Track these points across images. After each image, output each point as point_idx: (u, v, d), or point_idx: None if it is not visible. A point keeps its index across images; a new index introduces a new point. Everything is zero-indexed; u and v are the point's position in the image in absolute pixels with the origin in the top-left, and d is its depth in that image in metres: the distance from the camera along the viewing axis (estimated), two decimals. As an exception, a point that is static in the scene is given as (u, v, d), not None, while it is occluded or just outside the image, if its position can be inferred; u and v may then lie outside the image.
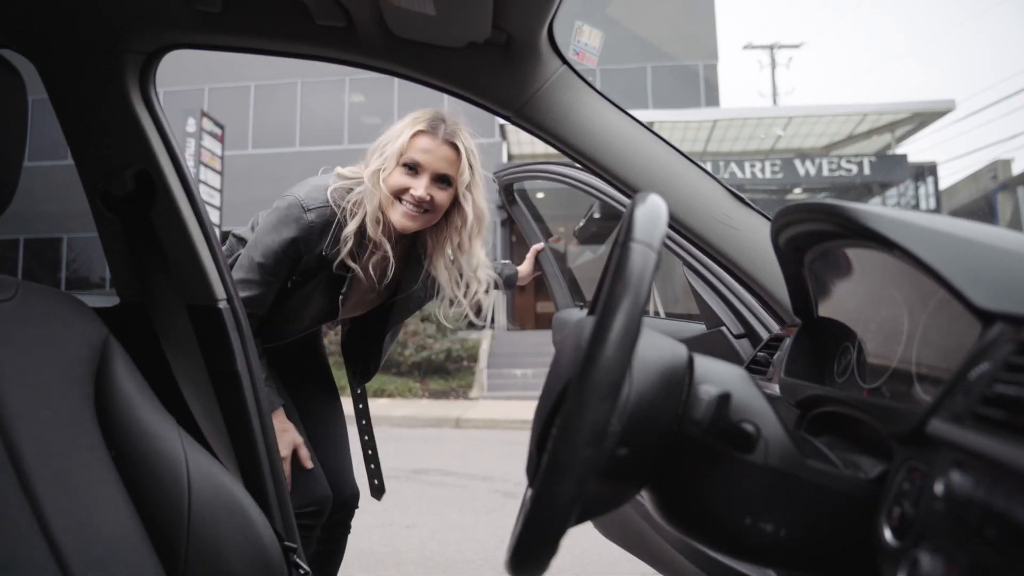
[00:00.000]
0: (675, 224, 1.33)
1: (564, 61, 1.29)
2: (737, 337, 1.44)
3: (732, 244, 1.33)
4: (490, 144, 14.89)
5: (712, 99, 17.05)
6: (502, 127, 14.35)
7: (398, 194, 1.68)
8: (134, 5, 1.23)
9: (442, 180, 1.70)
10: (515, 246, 16.34)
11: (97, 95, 1.31)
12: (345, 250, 1.70)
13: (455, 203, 1.76)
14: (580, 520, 0.74)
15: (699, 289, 1.51)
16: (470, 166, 1.71)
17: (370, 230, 1.70)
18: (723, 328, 1.46)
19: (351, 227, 1.69)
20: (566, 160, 1.52)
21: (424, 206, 1.69)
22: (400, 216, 1.69)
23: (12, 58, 1.07)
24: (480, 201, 1.76)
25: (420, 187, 1.67)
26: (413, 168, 1.67)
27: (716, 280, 1.46)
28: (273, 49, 1.33)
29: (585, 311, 2.35)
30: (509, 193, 2.55)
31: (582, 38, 1.24)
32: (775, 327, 1.37)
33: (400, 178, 1.68)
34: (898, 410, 0.72)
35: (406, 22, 1.19)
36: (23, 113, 1.02)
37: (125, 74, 1.30)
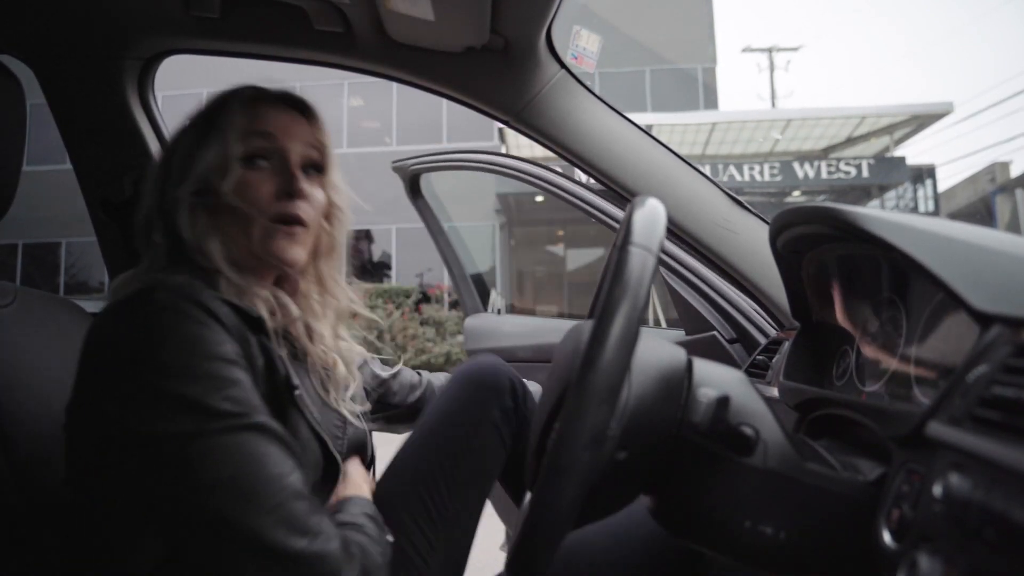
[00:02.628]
0: (674, 228, 1.33)
1: (562, 65, 1.29)
2: (730, 342, 1.44)
3: (731, 248, 1.33)
4: (488, 148, 14.86)
5: (711, 102, 17.07)
6: (500, 131, 14.36)
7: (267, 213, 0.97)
8: (132, 11, 1.23)
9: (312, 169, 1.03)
10: (514, 250, 16.36)
11: (96, 100, 1.31)
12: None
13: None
14: (579, 524, 0.74)
15: (685, 295, 1.50)
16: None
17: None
18: (715, 333, 1.46)
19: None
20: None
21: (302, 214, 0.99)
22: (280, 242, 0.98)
23: (11, 64, 1.07)
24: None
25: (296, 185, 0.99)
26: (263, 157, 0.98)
27: (705, 285, 1.45)
28: (272, 54, 1.33)
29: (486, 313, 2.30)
30: (415, 185, 2.21)
31: (580, 42, 1.24)
32: (771, 331, 1.37)
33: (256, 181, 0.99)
34: (897, 412, 0.72)
35: (405, 27, 1.19)
36: (22, 118, 1.02)
37: (124, 79, 1.30)
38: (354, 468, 1.04)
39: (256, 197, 0.95)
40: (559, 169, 1.71)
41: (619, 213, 1.51)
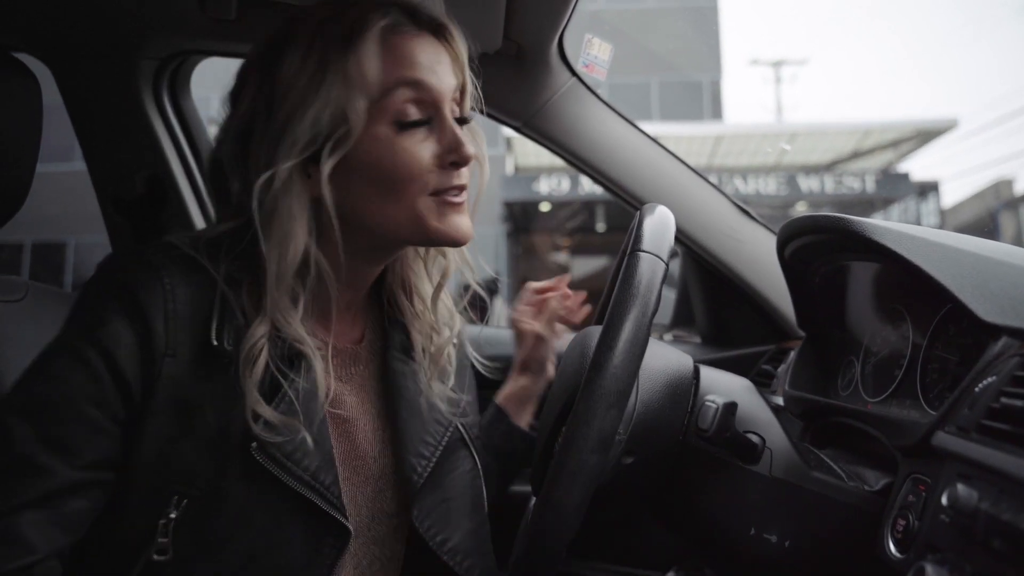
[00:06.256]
0: (681, 236, 1.33)
1: (574, 73, 1.30)
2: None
3: (737, 256, 1.34)
4: (495, 156, 14.92)
5: (717, 113, 17.11)
6: (508, 139, 14.39)
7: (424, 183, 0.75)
8: (149, 11, 1.24)
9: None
10: (520, 260, 16.35)
11: (111, 99, 1.32)
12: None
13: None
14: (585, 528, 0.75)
15: None
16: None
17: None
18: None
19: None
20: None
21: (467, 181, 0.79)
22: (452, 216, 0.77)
23: (28, 62, 1.08)
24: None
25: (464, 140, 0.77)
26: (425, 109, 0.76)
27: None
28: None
29: None
30: None
31: (592, 50, 1.24)
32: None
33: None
34: (903, 422, 0.72)
35: (417, 32, 1.20)
36: (38, 116, 1.03)
37: (139, 79, 1.31)
38: None
39: (413, 169, 0.73)
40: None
41: None
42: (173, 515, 0.67)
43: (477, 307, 0.90)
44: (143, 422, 0.67)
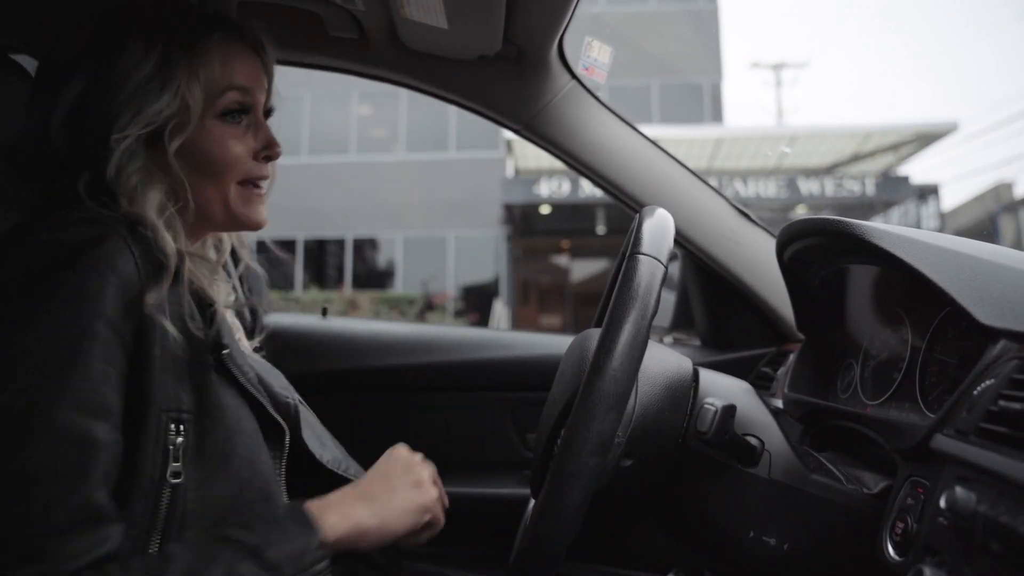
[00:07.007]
0: (681, 239, 1.34)
1: (574, 76, 1.30)
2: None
3: (737, 259, 1.34)
4: (495, 159, 14.93)
5: (717, 116, 17.11)
6: (508, 142, 14.40)
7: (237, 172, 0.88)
8: (150, 14, 1.24)
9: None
10: (519, 262, 16.36)
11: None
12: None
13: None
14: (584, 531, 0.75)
15: None
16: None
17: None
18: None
19: None
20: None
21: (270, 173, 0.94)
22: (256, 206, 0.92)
23: (28, 64, 1.08)
24: None
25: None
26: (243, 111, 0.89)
27: None
28: (285, 59, 1.33)
29: None
30: None
31: (592, 53, 1.25)
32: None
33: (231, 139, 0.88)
34: (902, 425, 0.72)
35: (418, 35, 1.20)
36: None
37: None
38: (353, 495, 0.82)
39: (232, 157, 0.86)
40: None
41: None
42: (180, 440, 0.73)
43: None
44: (142, 362, 0.71)
